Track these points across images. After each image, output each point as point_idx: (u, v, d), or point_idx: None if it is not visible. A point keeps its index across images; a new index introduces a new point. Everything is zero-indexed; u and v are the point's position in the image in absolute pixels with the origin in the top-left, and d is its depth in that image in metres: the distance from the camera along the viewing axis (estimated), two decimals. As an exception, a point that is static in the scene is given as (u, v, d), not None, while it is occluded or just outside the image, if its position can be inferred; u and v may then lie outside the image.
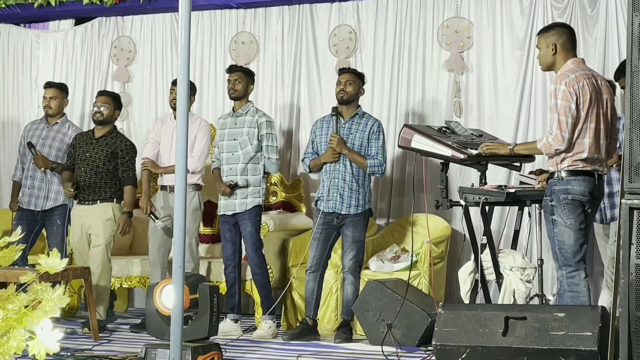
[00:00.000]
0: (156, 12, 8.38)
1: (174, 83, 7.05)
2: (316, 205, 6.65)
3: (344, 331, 6.46)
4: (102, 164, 6.96)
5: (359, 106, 6.68)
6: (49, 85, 7.32)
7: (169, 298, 5.32)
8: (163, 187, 7.06)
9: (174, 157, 6.75)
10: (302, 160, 6.81)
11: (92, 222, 6.94)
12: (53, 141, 7.21)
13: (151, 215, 6.99)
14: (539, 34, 5.44)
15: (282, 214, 7.56)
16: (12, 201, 7.37)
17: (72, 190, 6.95)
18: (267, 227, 7.03)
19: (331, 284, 6.81)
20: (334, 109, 6.61)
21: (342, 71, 6.73)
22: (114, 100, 7.11)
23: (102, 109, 7.01)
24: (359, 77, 6.67)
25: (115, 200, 7.00)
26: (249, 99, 6.98)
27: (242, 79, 6.87)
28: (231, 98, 6.92)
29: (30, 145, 7.13)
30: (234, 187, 6.76)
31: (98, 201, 6.96)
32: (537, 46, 5.42)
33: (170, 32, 8.38)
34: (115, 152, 6.99)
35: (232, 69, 6.96)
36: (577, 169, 5.17)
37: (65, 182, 7.01)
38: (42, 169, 7.08)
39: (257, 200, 6.79)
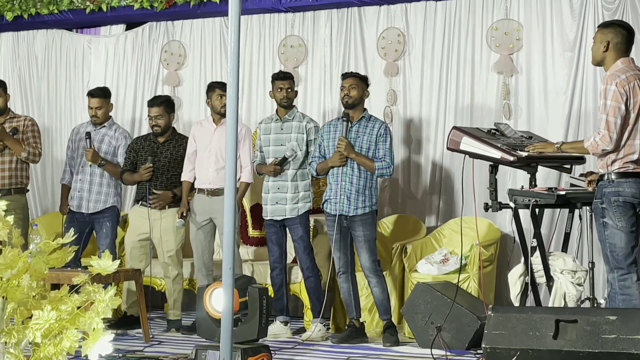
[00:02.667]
0: (206, 17, 8.42)
1: (212, 88, 7.03)
2: (323, 207, 6.66)
3: (391, 333, 6.45)
4: (168, 169, 7.03)
5: (365, 109, 6.66)
6: (92, 94, 7.32)
7: (218, 301, 5.36)
8: (200, 190, 7.04)
9: (212, 160, 6.93)
10: (309, 164, 6.80)
11: (163, 227, 6.98)
12: (101, 144, 7.26)
13: (182, 215, 7.02)
14: (598, 26, 5.41)
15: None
16: (62, 204, 7.45)
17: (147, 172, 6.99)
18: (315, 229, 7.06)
19: (364, 287, 6.78)
20: (345, 114, 6.58)
21: (345, 76, 6.71)
22: (166, 107, 7.12)
23: (158, 121, 7.04)
24: (363, 81, 6.64)
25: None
26: (294, 104, 7.00)
27: (292, 86, 6.90)
28: (283, 106, 6.90)
29: (88, 135, 7.17)
30: (282, 162, 6.77)
31: (167, 207, 7.01)
32: (593, 38, 5.39)
33: (220, 36, 8.42)
34: (183, 155, 7.06)
35: (285, 76, 6.95)
36: (627, 171, 5.13)
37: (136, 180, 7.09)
38: (90, 163, 7.13)
39: (308, 205, 6.84)
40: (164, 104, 7.09)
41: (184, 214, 7.04)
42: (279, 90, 6.88)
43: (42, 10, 8.62)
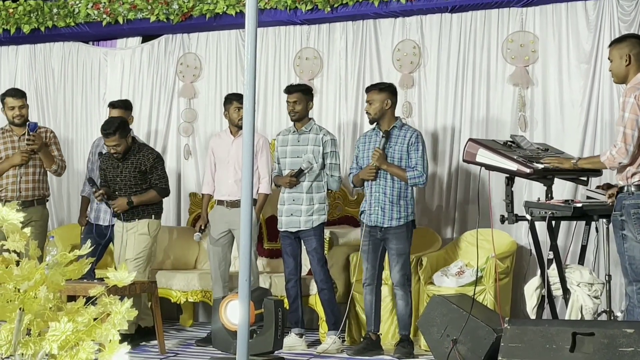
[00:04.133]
0: (221, 29, 8.44)
1: (229, 100, 7.03)
2: (360, 217, 6.65)
3: (404, 346, 6.43)
4: (134, 183, 6.92)
5: (397, 118, 6.63)
6: (112, 106, 7.36)
7: (234, 313, 5.36)
8: (220, 202, 7.06)
9: (231, 172, 6.94)
10: (348, 176, 6.80)
11: (129, 237, 6.91)
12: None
13: (200, 229, 7.02)
14: (610, 45, 5.36)
15: (345, 229, 7.55)
16: (81, 216, 7.48)
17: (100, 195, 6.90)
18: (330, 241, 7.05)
19: (388, 299, 6.78)
20: (385, 131, 6.54)
21: (367, 90, 6.66)
22: (121, 133, 6.80)
23: (117, 149, 6.82)
24: (385, 91, 6.56)
25: (153, 216, 6.98)
26: (310, 116, 6.98)
27: (301, 100, 6.87)
28: (293, 120, 6.92)
29: (91, 181, 7.11)
30: (298, 174, 6.77)
31: (136, 219, 6.93)
32: (609, 58, 5.33)
33: (235, 49, 8.43)
34: (142, 170, 6.92)
35: (290, 90, 6.94)
36: None
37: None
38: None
39: (322, 218, 6.82)
40: (119, 132, 6.79)
41: (202, 228, 7.05)
42: (287, 103, 6.89)
43: (59, 23, 8.66)
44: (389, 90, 6.60)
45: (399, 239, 6.46)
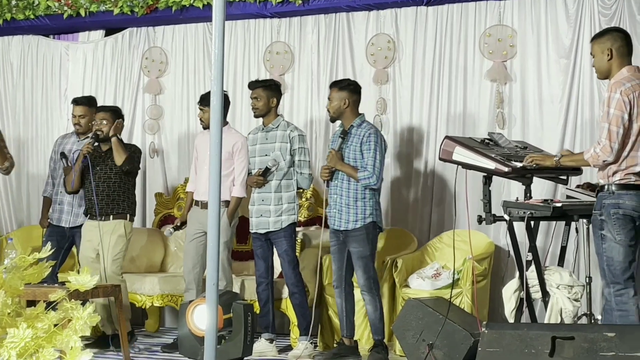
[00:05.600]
0: (188, 22, 8.37)
1: (201, 101, 6.98)
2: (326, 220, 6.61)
3: (377, 351, 6.35)
4: (115, 178, 6.89)
5: (359, 114, 6.48)
6: (76, 102, 7.29)
7: (201, 318, 5.28)
8: (196, 202, 6.99)
9: (206, 172, 6.73)
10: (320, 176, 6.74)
11: (104, 238, 6.82)
12: None
13: (176, 226, 6.99)
14: (592, 40, 5.32)
15: (318, 230, 7.41)
16: (43, 217, 7.37)
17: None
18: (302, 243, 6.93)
19: (362, 303, 6.68)
20: (344, 131, 6.43)
21: (330, 86, 6.55)
22: (113, 114, 6.96)
23: (101, 126, 6.88)
24: (346, 89, 6.42)
25: (129, 216, 6.94)
26: (279, 113, 6.89)
27: (262, 96, 6.76)
28: (255, 116, 6.88)
29: (62, 155, 7.08)
30: (265, 173, 6.67)
31: (111, 217, 6.87)
32: (591, 53, 5.30)
33: (203, 43, 8.36)
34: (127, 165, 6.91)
35: (249, 86, 6.88)
36: (629, 183, 5.05)
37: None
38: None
39: (292, 218, 6.72)
40: (110, 112, 6.97)
41: (179, 225, 7.00)
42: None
43: (18, 16, 8.54)
44: (348, 89, 6.45)
45: (358, 241, 6.33)
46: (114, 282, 6.81)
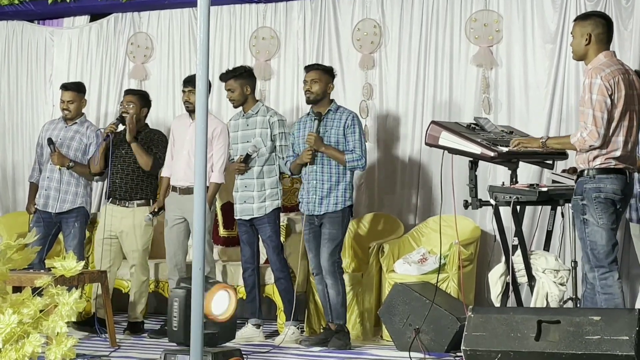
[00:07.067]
0: (173, 8, 8.32)
1: (186, 83, 6.95)
2: (299, 207, 6.58)
3: (339, 337, 6.32)
4: (135, 160, 6.93)
5: (332, 101, 6.52)
6: (65, 87, 7.24)
7: (220, 304, 5.13)
8: (174, 188, 6.93)
9: (184, 157, 6.72)
10: (285, 164, 6.69)
11: (129, 225, 6.90)
12: (71, 141, 7.13)
13: (153, 211, 6.95)
14: (575, 20, 5.32)
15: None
16: (29, 203, 7.32)
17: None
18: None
19: (349, 289, 6.67)
20: (317, 112, 6.42)
21: (307, 69, 6.57)
22: (141, 99, 7.06)
23: (128, 108, 6.98)
24: (327, 73, 6.49)
25: (152, 202, 7.00)
26: (257, 98, 6.88)
27: (235, 87, 6.75)
28: (234, 107, 6.87)
29: (50, 141, 7.05)
30: (246, 160, 6.65)
31: (135, 203, 6.91)
32: (571, 33, 5.29)
33: (189, 28, 8.32)
34: (151, 147, 6.98)
35: (221, 77, 6.86)
36: (609, 167, 5.07)
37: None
38: (59, 166, 7.00)
39: (276, 203, 6.71)
40: (137, 95, 7.09)
41: (156, 211, 6.93)
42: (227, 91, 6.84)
43: (2, 1, 8.46)
44: (331, 73, 6.54)
45: (333, 223, 6.34)
46: (143, 271, 6.97)
